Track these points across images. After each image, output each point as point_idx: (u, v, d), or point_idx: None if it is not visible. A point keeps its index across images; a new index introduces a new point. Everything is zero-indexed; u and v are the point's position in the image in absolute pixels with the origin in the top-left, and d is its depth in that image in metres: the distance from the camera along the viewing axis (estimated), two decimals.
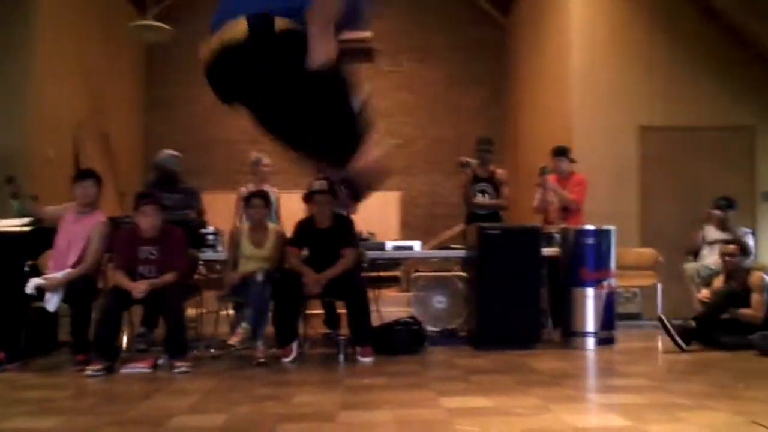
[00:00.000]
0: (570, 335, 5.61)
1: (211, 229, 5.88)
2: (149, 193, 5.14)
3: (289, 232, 5.45)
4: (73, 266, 4.89)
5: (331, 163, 2.20)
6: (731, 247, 5.70)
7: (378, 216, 9.67)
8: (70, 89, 8.33)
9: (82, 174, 5.27)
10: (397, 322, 5.37)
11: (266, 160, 6.55)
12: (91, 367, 4.41)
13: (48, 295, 4.70)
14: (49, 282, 4.74)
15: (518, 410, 3.30)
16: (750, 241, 6.45)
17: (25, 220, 5.55)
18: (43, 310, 4.79)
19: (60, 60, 7.99)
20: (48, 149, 7.60)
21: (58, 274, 4.81)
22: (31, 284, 4.71)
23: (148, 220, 4.83)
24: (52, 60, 7.77)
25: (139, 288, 4.62)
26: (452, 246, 6.64)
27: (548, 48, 8.79)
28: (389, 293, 7.46)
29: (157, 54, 10.56)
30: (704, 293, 5.83)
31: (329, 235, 5.16)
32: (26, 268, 5.12)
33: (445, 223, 9.86)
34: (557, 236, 5.94)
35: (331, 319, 6.04)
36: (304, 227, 5.29)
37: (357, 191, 2.19)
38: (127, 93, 10.24)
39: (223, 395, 3.83)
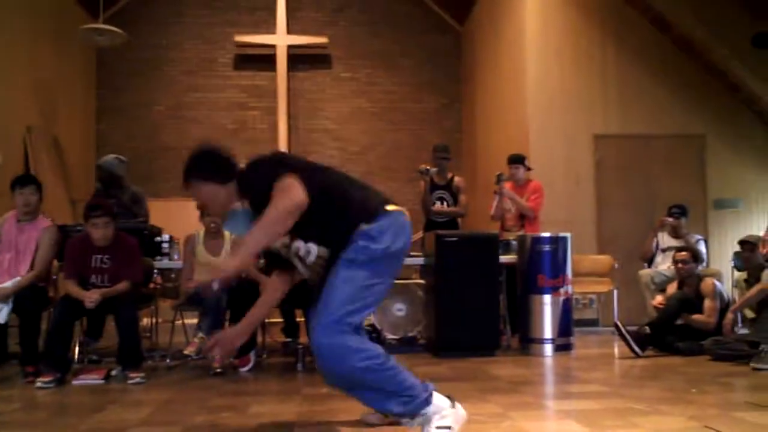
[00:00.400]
0: (528, 342, 5.65)
1: (165, 237, 5.77)
2: (99, 205, 4.94)
3: None
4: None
5: None
6: (684, 254, 5.81)
7: None
8: (21, 93, 8.13)
9: (22, 180, 5.01)
10: None
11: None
12: (41, 379, 4.27)
13: None
14: (2, 294, 4.59)
15: (478, 417, 3.30)
16: (702, 248, 6.59)
17: None
18: None
19: (10, 63, 7.79)
20: None
21: (8, 284, 4.66)
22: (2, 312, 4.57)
23: (99, 232, 4.70)
24: (1, 63, 7.57)
25: (91, 297, 4.49)
26: (411, 253, 6.63)
27: (504, 56, 8.88)
28: None
29: (108, 58, 10.37)
30: (658, 299, 5.94)
31: None
32: None
33: None
34: (514, 243, 5.99)
35: (290, 328, 5.98)
36: None
37: None
38: (79, 98, 10.03)
39: (178, 406, 3.74)
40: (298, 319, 5.88)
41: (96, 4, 8.85)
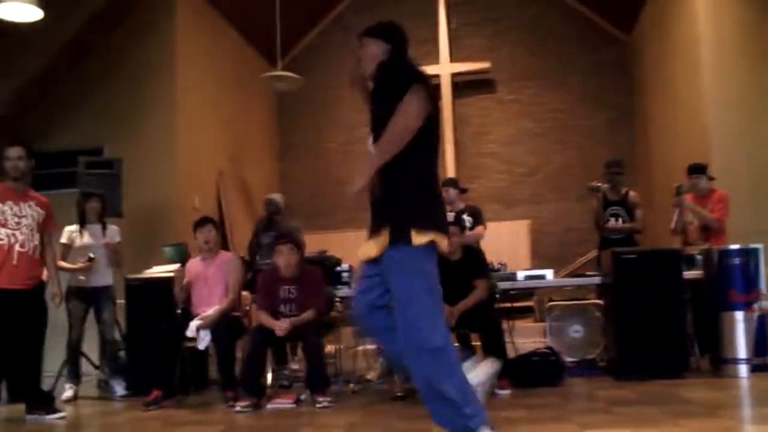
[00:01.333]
0: (720, 362, 5.30)
1: (345, 266, 6.05)
2: (285, 234, 5.40)
3: None
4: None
5: None
6: None
7: (508, 246, 9.60)
8: (212, 140, 8.92)
9: (201, 221, 5.50)
10: (533, 353, 5.29)
11: None
12: (239, 403, 4.64)
13: (201, 334, 5.00)
14: (204, 320, 5.05)
15: None
16: None
17: (175, 266, 5.97)
18: (195, 349, 5.11)
19: (201, 112, 8.59)
20: (194, 198, 8.15)
21: (210, 311, 5.12)
22: (192, 325, 5.04)
23: (284, 259, 5.07)
24: (194, 113, 8.38)
25: (281, 326, 4.83)
26: (586, 273, 6.48)
27: (676, 61, 8.47)
28: (523, 324, 7.36)
29: (287, 102, 11.13)
30: None
31: (460, 267, 5.17)
32: (178, 311, 5.50)
33: (577, 250, 9.64)
34: (699, 258, 5.67)
35: (466, 351, 6.03)
36: None
37: None
38: (262, 140, 10.84)
39: (364, 429, 3.90)
40: (473, 343, 5.92)
41: (274, 51, 9.55)
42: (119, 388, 5.58)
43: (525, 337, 6.60)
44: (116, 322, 5.90)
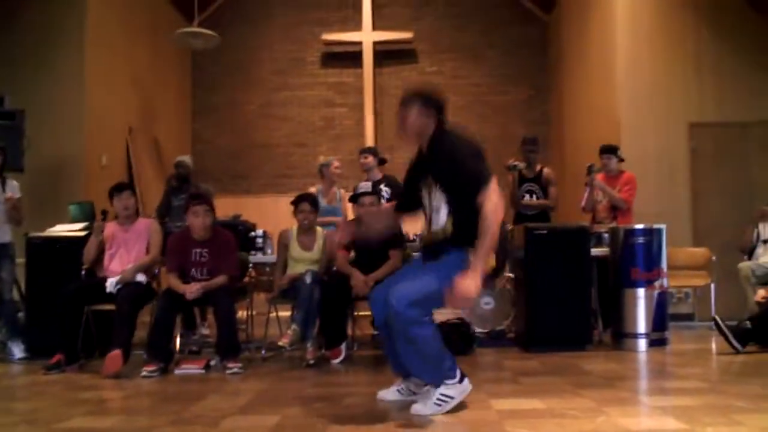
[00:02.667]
0: (621, 337, 5.53)
1: (260, 232, 5.96)
2: (200, 194, 5.25)
3: None
4: None
5: None
6: None
7: None
8: (122, 95, 8.54)
9: (119, 187, 5.33)
10: (445, 324, 5.36)
11: (336, 163, 6.61)
12: (146, 368, 4.51)
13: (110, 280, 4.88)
14: (124, 275, 4.93)
15: (572, 413, 3.27)
16: None
17: (80, 225, 5.71)
18: (100, 312, 4.93)
19: (111, 65, 8.19)
20: (102, 156, 7.81)
21: (129, 266, 5.00)
22: (111, 282, 4.89)
23: (200, 220, 4.93)
24: (104, 65, 7.97)
25: (191, 290, 4.71)
26: None
27: (593, 44, 8.69)
28: None
29: (203, 60, 10.77)
30: (761, 294, 5.69)
31: (376, 238, 5.16)
32: (83, 272, 5.29)
33: None
34: (606, 236, 5.87)
35: None
36: None
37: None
38: (175, 99, 10.46)
39: (274, 396, 3.88)
40: None
41: (190, 7, 9.20)
42: (17, 351, 5.33)
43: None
44: (15, 282, 5.61)
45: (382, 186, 6.37)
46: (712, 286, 6.62)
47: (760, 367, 4.56)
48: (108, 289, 4.87)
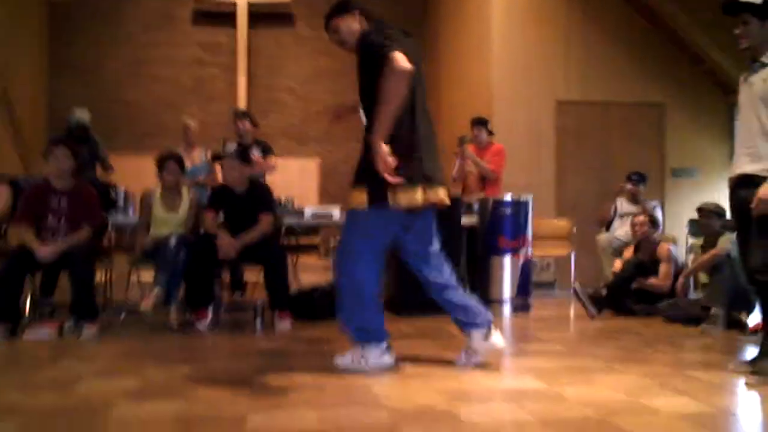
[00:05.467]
0: (487, 302, 5.65)
1: (121, 191, 5.63)
2: (63, 140, 4.86)
3: None
4: None
5: None
6: (641, 218, 5.90)
7: (297, 182, 9.57)
8: None
9: None
10: (315, 289, 5.30)
11: (193, 125, 6.39)
12: None
13: None
14: None
15: (438, 372, 3.31)
16: (659, 214, 6.68)
17: None
18: None
19: None
20: None
21: None
22: None
23: (59, 163, 4.58)
24: None
25: (44, 251, 4.36)
26: None
27: (469, 21, 8.81)
28: (308, 260, 7.38)
29: (62, 11, 10.00)
30: (617, 265, 6.00)
31: (245, 200, 5.01)
32: None
33: None
34: (476, 206, 5.99)
35: (236, 284, 5.95)
36: (220, 191, 5.13)
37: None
38: (30, 53, 9.64)
39: (134, 359, 3.68)
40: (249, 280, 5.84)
41: None
42: None
43: (309, 273, 6.62)
44: None
45: (253, 149, 6.21)
46: (572, 255, 6.94)
47: (613, 332, 4.81)
48: None
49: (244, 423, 2.48)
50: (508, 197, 5.79)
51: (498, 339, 3.50)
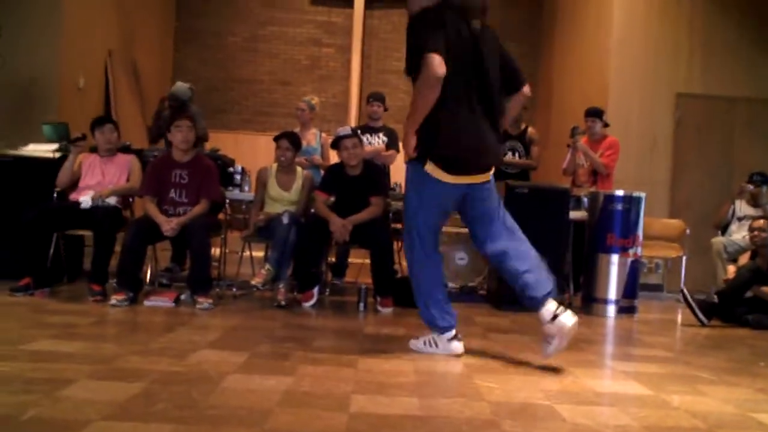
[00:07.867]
0: (591, 301, 5.58)
1: (238, 168, 5.86)
2: (184, 115, 5.13)
3: None
4: None
5: None
6: (761, 222, 5.61)
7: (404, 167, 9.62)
8: (103, 15, 8.24)
9: (100, 120, 5.28)
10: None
11: (308, 107, 6.50)
12: (115, 297, 4.44)
13: (88, 198, 4.83)
14: (101, 191, 4.89)
15: (539, 371, 3.30)
16: None
17: (54, 146, 5.56)
18: (70, 237, 4.83)
19: None
20: (79, 78, 7.57)
21: (109, 186, 4.97)
22: (86, 198, 4.82)
23: (182, 135, 4.82)
24: None
25: (170, 225, 4.61)
26: None
27: (588, 8, 8.56)
28: None
29: None
30: (731, 270, 5.75)
31: (359, 182, 5.11)
32: (54, 195, 5.17)
33: None
34: (585, 200, 5.87)
35: (338, 268, 6.08)
36: (334, 172, 5.25)
37: None
38: (157, 24, 10.13)
39: (244, 333, 3.86)
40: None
41: None
42: None
43: None
44: None
45: (380, 134, 6.30)
46: (684, 259, 6.69)
47: (723, 341, 4.63)
48: (82, 205, 4.79)
49: (348, 403, 2.56)
50: (620, 193, 5.64)
51: (567, 318, 3.35)
